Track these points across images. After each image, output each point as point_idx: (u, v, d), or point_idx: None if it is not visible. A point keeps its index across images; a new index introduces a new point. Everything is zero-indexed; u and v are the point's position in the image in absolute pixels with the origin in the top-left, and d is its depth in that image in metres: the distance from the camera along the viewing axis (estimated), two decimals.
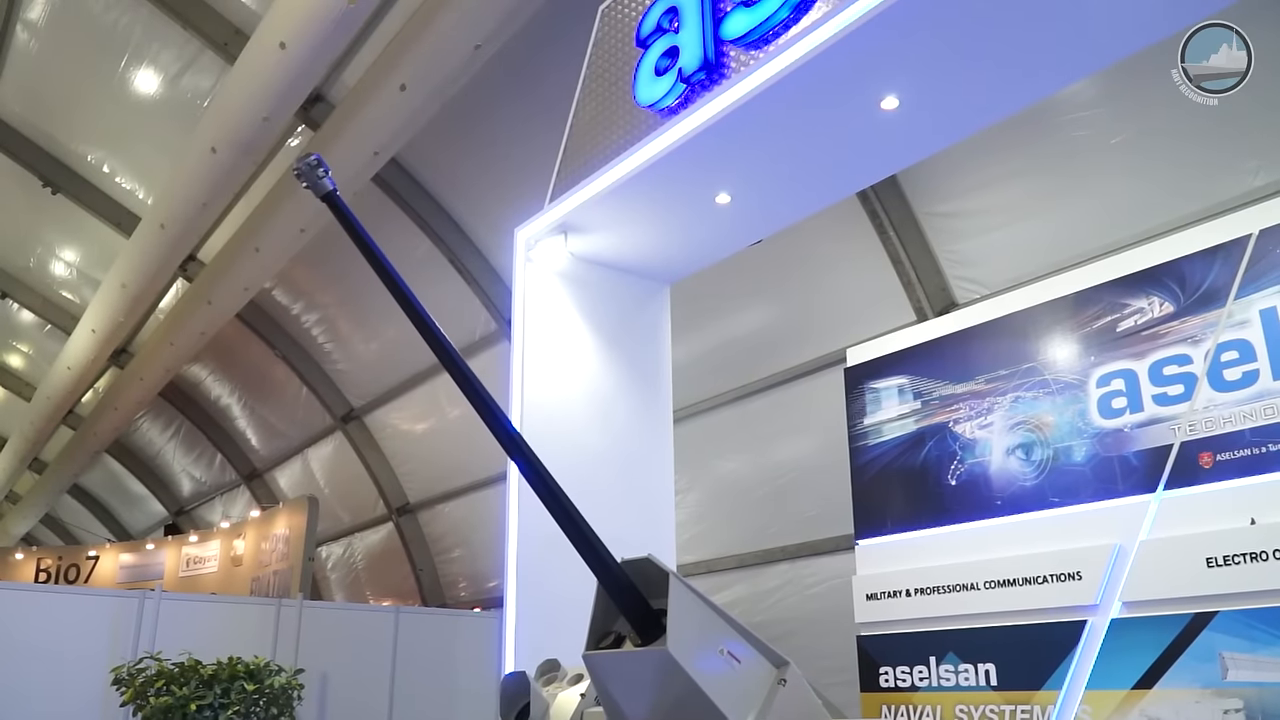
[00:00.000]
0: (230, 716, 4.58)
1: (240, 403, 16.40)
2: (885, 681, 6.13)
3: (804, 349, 8.49)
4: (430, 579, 13.94)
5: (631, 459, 6.46)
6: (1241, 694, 4.59)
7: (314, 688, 7.68)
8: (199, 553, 16.19)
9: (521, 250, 6.43)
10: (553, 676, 3.69)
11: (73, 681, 7.40)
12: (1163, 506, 5.09)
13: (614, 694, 2.68)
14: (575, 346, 6.49)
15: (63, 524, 23.48)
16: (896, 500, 6.45)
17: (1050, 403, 5.70)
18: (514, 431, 2.65)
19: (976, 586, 5.77)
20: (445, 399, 12.53)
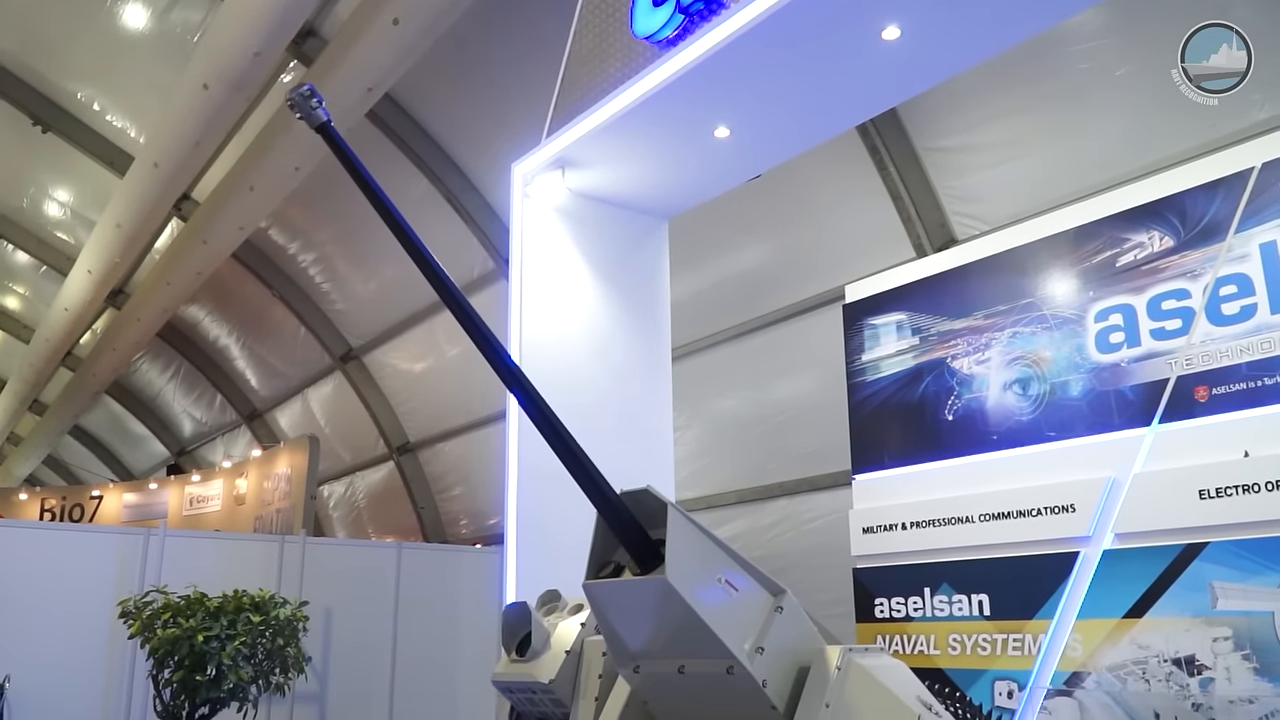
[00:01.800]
0: (237, 647, 4.65)
1: (239, 343, 16.40)
2: (880, 612, 6.24)
3: (803, 286, 8.47)
4: (431, 517, 14.08)
5: (630, 395, 6.49)
6: (1230, 623, 4.67)
7: (318, 621, 7.81)
8: (202, 492, 16.33)
9: (519, 186, 6.38)
10: (553, 607, 3.75)
11: (80, 617, 7.52)
12: (1157, 440, 5.13)
13: (614, 622, 2.73)
14: (573, 283, 6.48)
15: (65, 465, 23.63)
16: (893, 435, 6.49)
17: (1048, 338, 5.71)
18: (513, 365, 2.65)
19: (971, 519, 5.84)
20: (444, 338, 12.53)
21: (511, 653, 3.49)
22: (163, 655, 4.61)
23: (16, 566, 7.47)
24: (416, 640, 8.91)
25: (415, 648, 8.90)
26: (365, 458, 15.08)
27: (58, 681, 7.38)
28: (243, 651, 4.70)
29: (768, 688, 2.59)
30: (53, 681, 7.35)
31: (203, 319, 16.33)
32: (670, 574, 2.42)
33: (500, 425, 6.68)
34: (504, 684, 3.52)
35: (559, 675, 3.33)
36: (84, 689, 7.49)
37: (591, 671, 3.33)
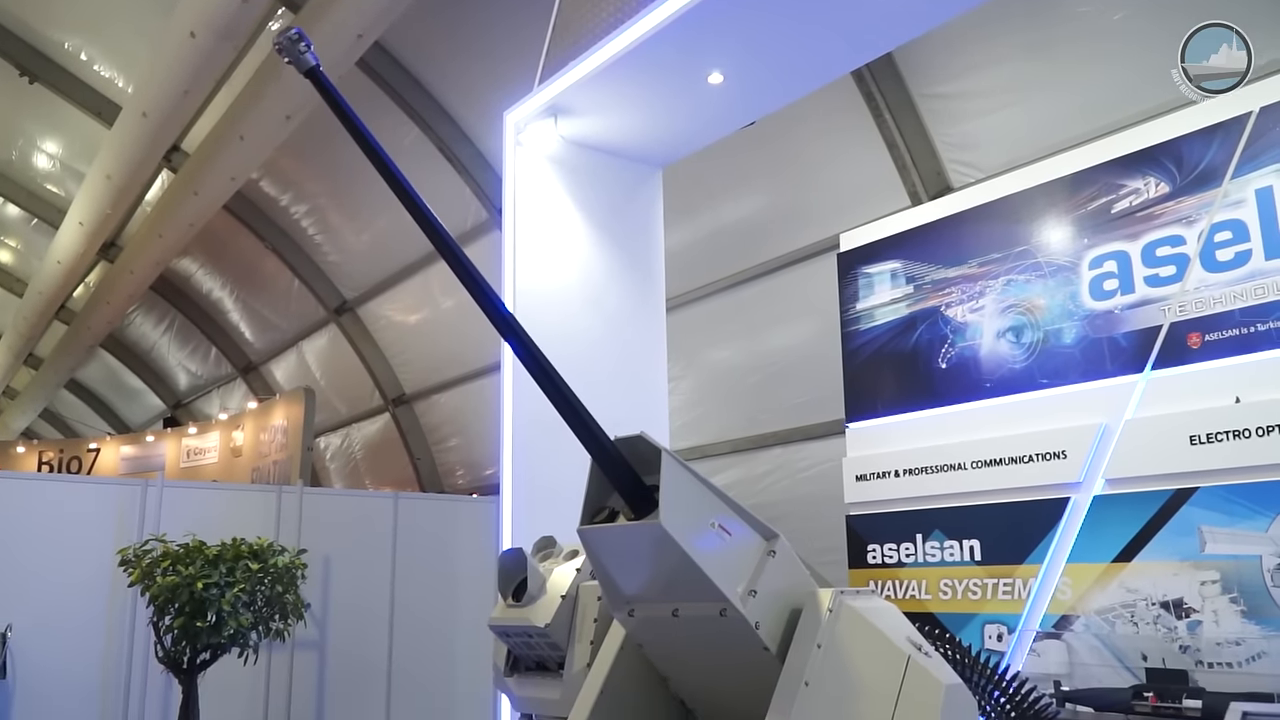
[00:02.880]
0: (236, 594, 4.70)
1: (232, 296, 16.34)
2: (873, 559, 6.31)
3: (797, 235, 8.44)
4: (428, 468, 14.15)
5: (625, 345, 6.50)
6: (1218, 566, 4.73)
7: (317, 569, 7.89)
8: (199, 444, 16.38)
9: (511, 134, 6.33)
10: (549, 553, 3.78)
11: (80, 567, 7.58)
12: (1149, 386, 5.16)
13: (608, 567, 2.75)
14: (567, 232, 6.45)
15: (62, 418, 23.66)
16: (887, 384, 6.52)
17: (1042, 285, 5.71)
18: (506, 312, 2.64)
19: (964, 466, 5.89)
20: (438, 289, 12.49)
21: (508, 598, 3.53)
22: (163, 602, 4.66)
23: (15, 518, 7.51)
24: (414, 588, 9.01)
25: (413, 595, 9.00)
26: (361, 409, 15.11)
27: (59, 630, 7.46)
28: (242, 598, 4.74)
29: (760, 629, 2.62)
30: (54, 630, 7.43)
31: (196, 272, 16.26)
32: (664, 519, 2.44)
33: (495, 376, 6.68)
34: (500, 628, 3.56)
35: (554, 619, 3.37)
36: (85, 637, 7.58)
37: (587, 615, 3.37)
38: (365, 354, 14.27)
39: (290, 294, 14.86)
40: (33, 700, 7.30)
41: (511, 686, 3.64)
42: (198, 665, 4.77)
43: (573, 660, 3.35)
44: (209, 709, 5.18)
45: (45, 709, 7.35)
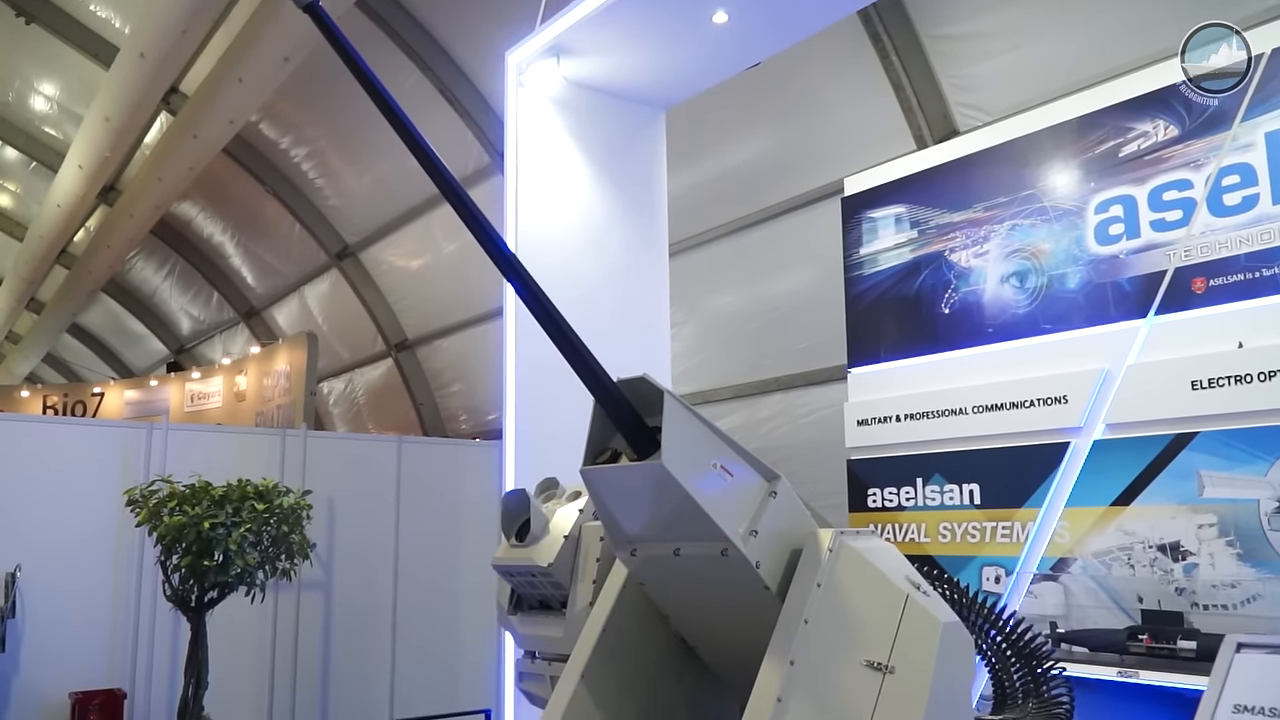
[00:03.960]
0: (243, 534, 4.75)
1: (233, 240, 16.28)
2: (873, 502, 6.36)
3: (802, 180, 8.36)
4: (431, 413, 14.20)
5: (627, 289, 6.48)
6: (1216, 510, 4.77)
7: (321, 512, 7.95)
8: (202, 389, 16.43)
9: (513, 75, 6.25)
10: (552, 494, 3.81)
11: (87, 508, 7.65)
12: (1152, 332, 5.15)
13: (611, 507, 2.77)
14: (569, 174, 6.40)
15: (65, 363, 23.72)
16: (890, 329, 6.52)
17: (1047, 230, 5.68)
18: (509, 252, 2.63)
19: (965, 411, 5.91)
20: (440, 234, 12.43)
21: (511, 538, 3.56)
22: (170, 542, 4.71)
23: (22, 460, 7.56)
24: (418, 530, 9.11)
25: (417, 537, 9.10)
26: (364, 355, 15.13)
27: (67, 571, 7.55)
28: (248, 538, 4.80)
29: (761, 569, 2.65)
30: (62, 571, 7.53)
31: (196, 216, 16.18)
32: (666, 459, 2.45)
33: (498, 322, 6.68)
34: (504, 568, 3.60)
35: (557, 559, 3.40)
36: (93, 577, 7.68)
37: (589, 555, 3.40)
38: (367, 299, 14.25)
39: (291, 238, 14.79)
40: (42, 639, 7.42)
41: (515, 625, 3.69)
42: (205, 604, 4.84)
43: (575, 599, 3.39)
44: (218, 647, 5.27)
45: (55, 648, 7.47)
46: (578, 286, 6.09)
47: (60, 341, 21.50)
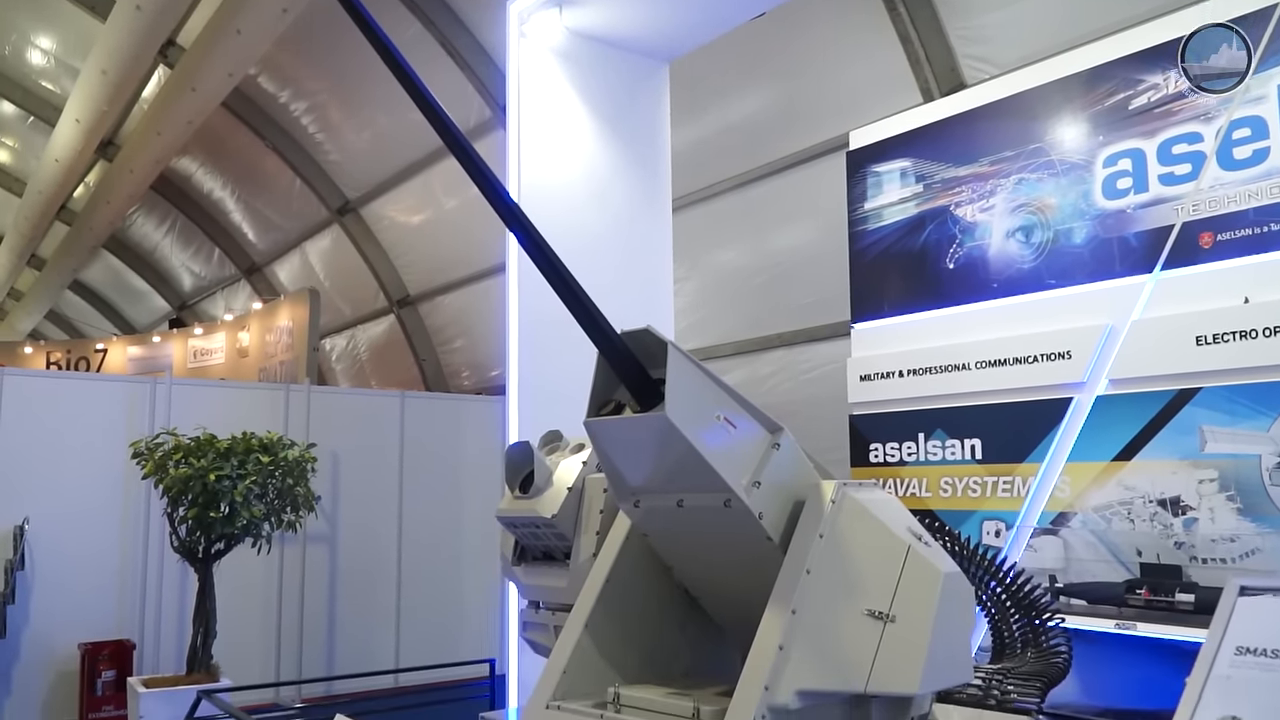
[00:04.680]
0: (248, 486, 4.77)
1: (234, 196, 16.20)
2: (875, 457, 6.38)
3: (806, 134, 8.29)
4: (433, 369, 14.23)
5: (630, 243, 6.45)
6: (1217, 465, 4.78)
7: (326, 465, 8.00)
8: (205, 345, 16.45)
9: (514, 25, 6.17)
10: (555, 446, 3.82)
11: (93, 461, 7.71)
12: (1158, 287, 5.13)
13: (614, 459, 2.78)
14: (571, 127, 6.34)
15: (68, 319, 23.72)
16: (894, 284, 6.50)
17: (1054, 184, 5.63)
18: (511, 202, 2.61)
19: (968, 366, 5.91)
20: (441, 189, 12.36)
21: (515, 490, 3.57)
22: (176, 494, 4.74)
23: (29, 413, 7.60)
24: (422, 484, 9.17)
25: (421, 491, 9.16)
26: (365, 311, 15.12)
27: (75, 522, 7.62)
28: (254, 490, 4.82)
29: (764, 520, 2.66)
30: (70, 522, 7.60)
31: (196, 171, 16.08)
32: (670, 411, 2.45)
33: (500, 278, 6.66)
34: (508, 519, 3.62)
35: (561, 510, 3.42)
36: (101, 529, 7.75)
37: (593, 507, 3.42)
38: (369, 255, 14.21)
39: (292, 194, 14.72)
40: (51, 590, 7.51)
41: (519, 576, 3.71)
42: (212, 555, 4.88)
43: (579, 550, 3.41)
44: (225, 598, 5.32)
45: (64, 598, 7.55)
46: (580, 239, 6.06)
47: (62, 298, 21.48)
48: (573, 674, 2.88)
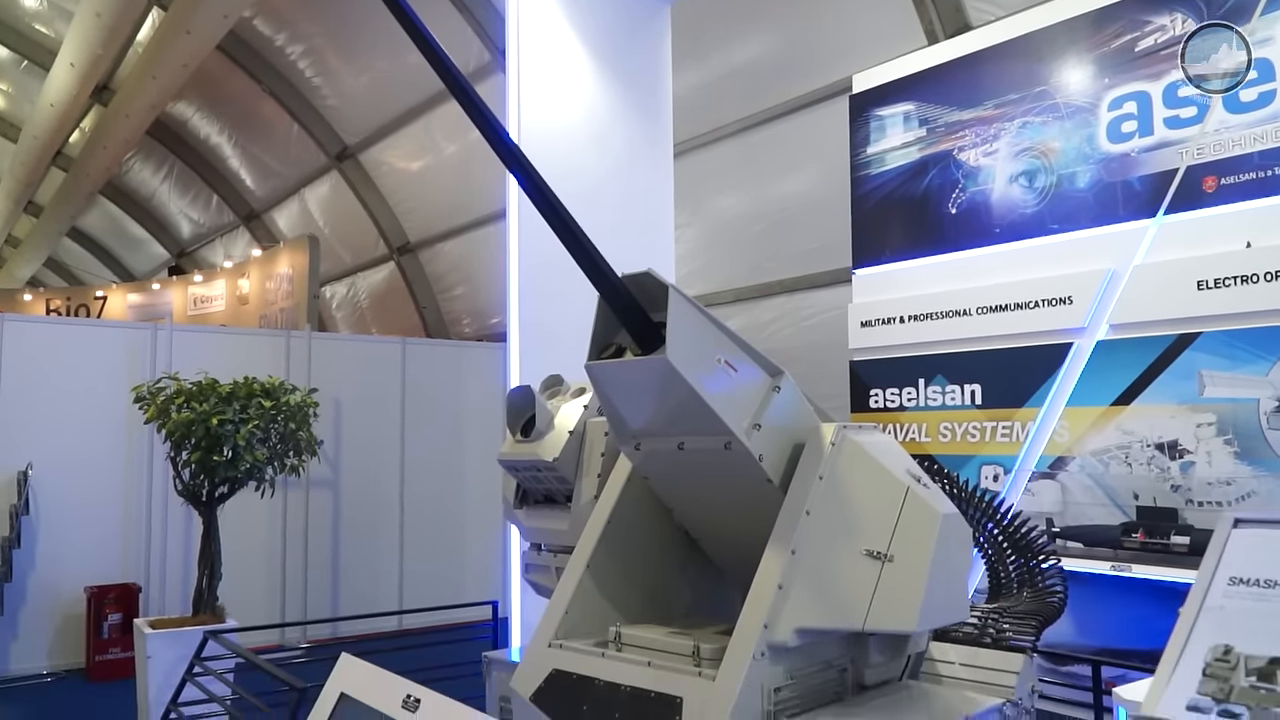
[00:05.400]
0: (251, 430, 4.79)
1: (231, 142, 16.05)
2: (875, 403, 6.41)
3: (809, 78, 8.19)
4: (434, 316, 14.22)
5: (631, 188, 6.40)
6: (1215, 409, 4.80)
7: (328, 411, 8.04)
8: (205, 292, 16.43)
9: None
10: (556, 390, 3.83)
11: (96, 407, 7.74)
12: (1160, 231, 5.11)
13: (616, 402, 2.79)
14: (572, 69, 6.25)
15: (67, 267, 23.66)
16: (895, 229, 6.47)
17: (1059, 127, 5.58)
18: (512, 143, 2.59)
19: (969, 312, 5.91)
20: (440, 135, 12.25)
21: (516, 434, 3.60)
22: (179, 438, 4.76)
23: (30, 360, 7.61)
24: (423, 429, 9.22)
25: (423, 436, 9.21)
26: (365, 258, 15.07)
27: (79, 467, 7.68)
28: (256, 434, 4.84)
29: (764, 462, 2.68)
30: (74, 467, 7.65)
31: (192, 116, 15.92)
32: (671, 354, 2.45)
33: (500, 224, 6.63)
34: (510, 463, 3.65)
35: (562, 454, 3.44)
36: (105, 473, 7.81)
37: (594, 450, 3.44)
38: (368, 201, 14.12)
39: (290, 139, 14.58)
40: (57, 534, 7.58)
41: (521, 518, 3.75)
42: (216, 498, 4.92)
43: (580, 493, 3.44)
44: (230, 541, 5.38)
45: (69, 542, 7.63)
46: (580, 182, 6.00)
47: (61, 245, 21.39)
48: (575, 614, 2.93)
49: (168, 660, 4.63)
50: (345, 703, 2.37)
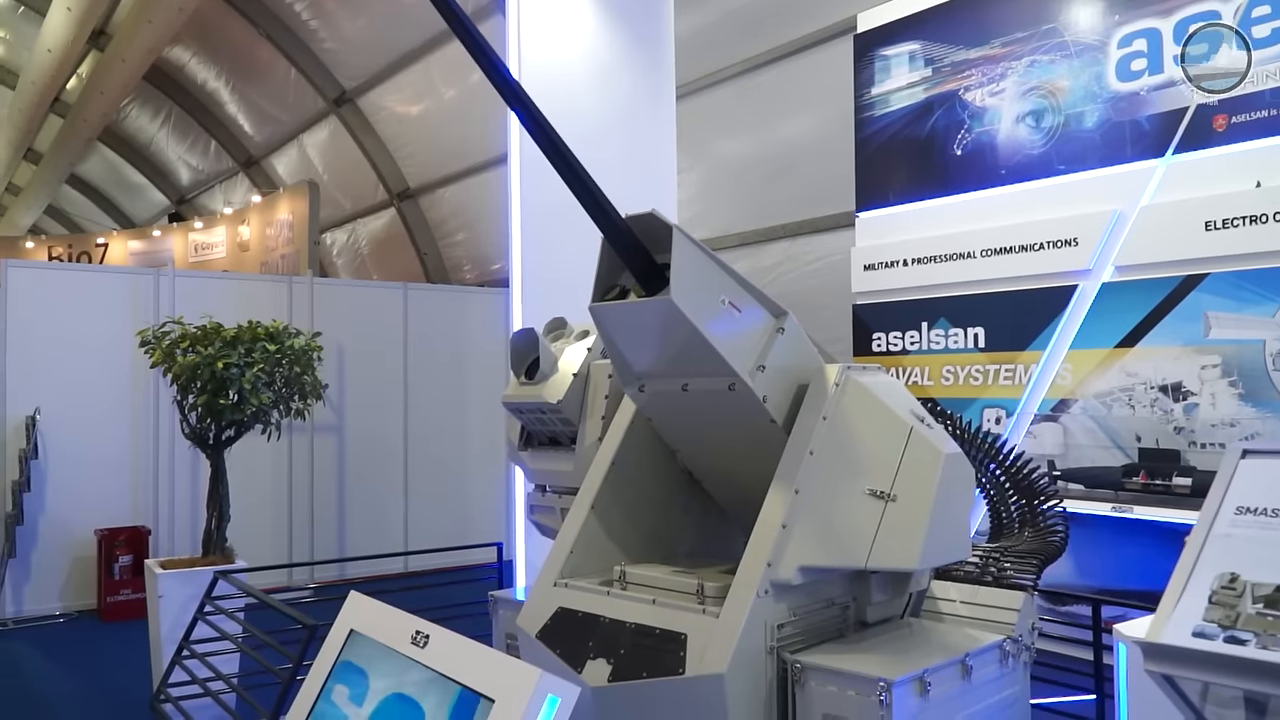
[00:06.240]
0: (256, 373, 4.79)
1: (228, 87, 15.87)
2: (878, 347, 6.40)
3: (813, 17, 8.05)
4: (435, 263, 14.17)
5: (633, 133, 6.33)
6: (1220, 350, 4.80)
7: (331, 357, 8.04)
8: (205, 239, 16.36)
9: None
10: (560, 333, 3.82)
11: (100, 351, 7.75)
12: (1168, 171, 5.06)
13: (620, 344, 2.78)
14: (573, 11, 6.15)
15: (67, 214, 23.55)
16: (900, 171, 6.41)
17: (1067, 66, 5.50)
18: (513, 80, 2.55)
19: (973, 255, 5.87)
20: (439, 78, 12.10)
21: (520, 376, 3.60)
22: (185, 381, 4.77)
23: (34, 305, 7.61)
24: (426, 374, 9.24)
25: (426, 381, 9.24)
26: (366, 204, 14.98)
27: (86, 412, 7.71)
28: (262, 378, 4.85)
29: (768, 403, 2.68)
30: (81, 412, 7.69)
31: (189, 61, 15.72)
32: (675, 295, 2.44)
33: (501, 169, 6.56)
34: (514, 405, 3.65)
35: (566, 396, 3.44)
36: (112, 418, 7.85)
37: (598, 393, 3.45)
38: (367, 147, 14.00)
39: (287, 84, 14.42)
40: (66, 479, 7.64)
41: (525, 460, 3.76)
42: (223, 441, 4.95)
43: (584, 435, 3.45)
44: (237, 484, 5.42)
45: (79, 486, 7.70)
46: (582, 127, 5.92)
47: (61, 193, 21.28)
48: (579, 553, 2.96)
49: (179, 600, 4.69)
50: (354, 639, 2.40)
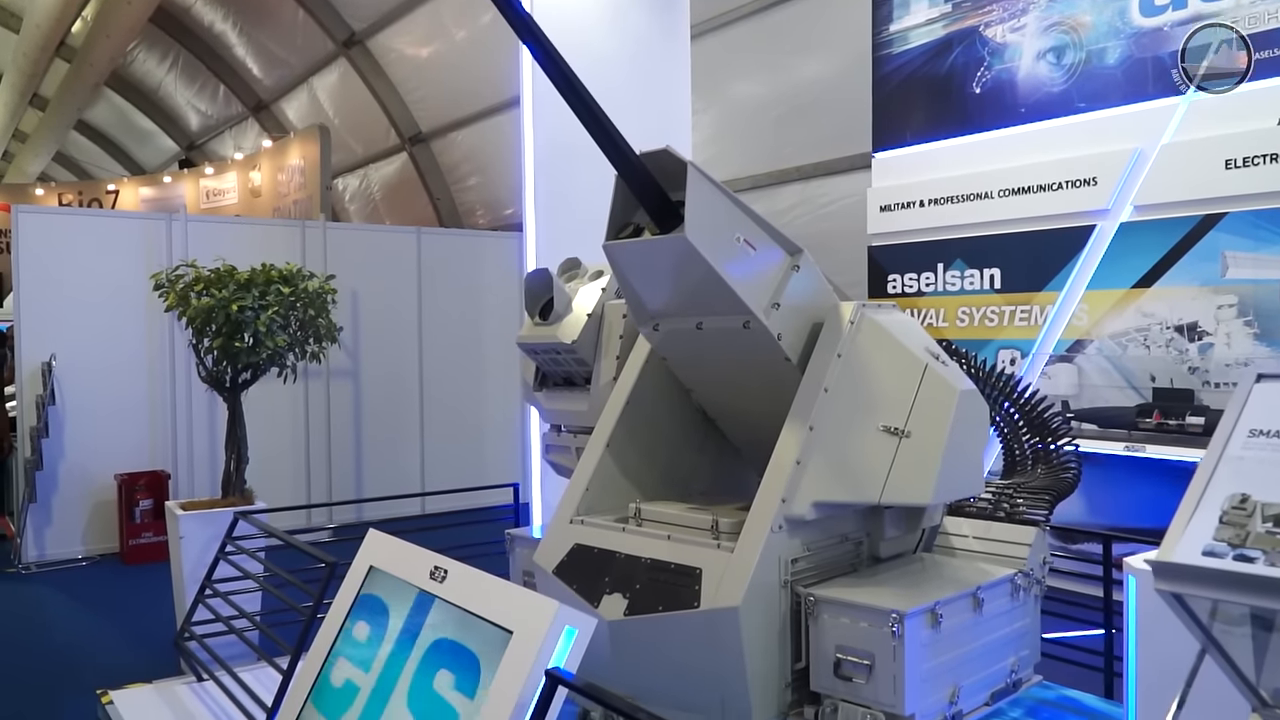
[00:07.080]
0: (271, 316, 4.80)
1: (236, 29, 15.70)
2: (893, 288, 6.38)
3: None
4: (448, 208, 14.11)
5: (648, 73, 6.24)
6: (1237, 290, 4.76)
7: (345, 301, 8.06)
8: (217, 185, 16.31)
9: None
10: (574, 274, 3.82)
11: (114, 296, 7.78)
12: (1190, 109, 4.98)
13: (634, 283, 2.78)
14: None
15: (76, 161, 23.48)
16: (917, 111, 6.33)
17: (1090, 1, 5.39)
18: (524, 12, 2.51)
19: (990, 195, 5.82)
20: (449, 19, 11.94)
21: (535, 317, 3.60)
22: (200, 324, 4.78)
23: (48, 251, 7.63)
24: (441, 318, 9.26)
25: (440, 325, 9.26)
26: (377, 149, 14.89)
27: (102, 357, 7.76)
28: (277, 320, 4.86)
29: (783, 340, 2.68)
30: (97, 357, 7.74)
31: (195, 3, 15.55)
32: (689, 232, 2.43)
33: (514, 112, 6.51)
34: (528, 345, 3.66)
35: (581, 336, 3.45)
36: (128, 362, 7.90)
37: (613, 333, 3.45)
38: (378, 90, 13.87)
39: (296, 26, 14.25)
40: (84, 424, 7.72)
41: (541, 401, 3.78)
42: (240, 384, 4.98)
43: (599, 375, 3.46)
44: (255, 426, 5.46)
45: (97, 431, 7.78)
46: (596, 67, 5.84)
47: (69, 140, 21.19)
48: (595, 491, 2.98)
49: (200, 540, 4.75)
50: (374, 575, 2.44)
